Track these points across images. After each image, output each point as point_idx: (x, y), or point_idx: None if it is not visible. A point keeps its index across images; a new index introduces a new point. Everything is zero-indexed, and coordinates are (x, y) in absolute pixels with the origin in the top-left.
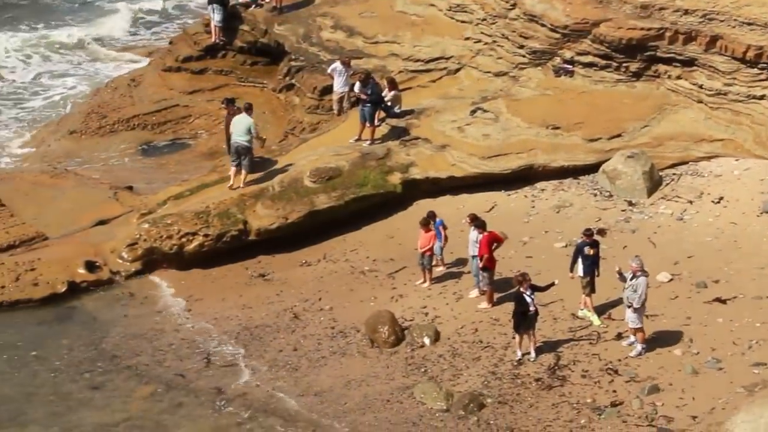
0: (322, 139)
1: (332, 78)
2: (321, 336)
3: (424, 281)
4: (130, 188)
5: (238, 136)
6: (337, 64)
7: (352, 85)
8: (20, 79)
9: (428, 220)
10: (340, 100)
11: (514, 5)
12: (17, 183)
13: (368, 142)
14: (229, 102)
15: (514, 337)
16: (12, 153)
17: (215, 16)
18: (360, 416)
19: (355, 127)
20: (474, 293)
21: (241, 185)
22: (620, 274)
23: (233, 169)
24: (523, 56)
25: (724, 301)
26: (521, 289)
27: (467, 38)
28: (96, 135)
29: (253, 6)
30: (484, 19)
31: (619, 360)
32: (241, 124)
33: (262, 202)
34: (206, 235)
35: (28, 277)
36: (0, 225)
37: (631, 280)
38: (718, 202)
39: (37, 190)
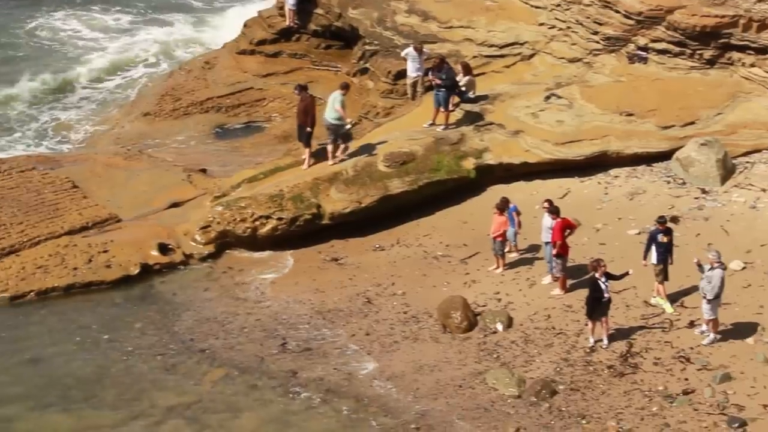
0: (396, 123)
1: (407, 62)
2: (393, 321)
3: (497, 267)
4: (204, 171)
5: (326, 114)
6: (410, 49)
7: (427, 69)
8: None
9: (504, 204)
10: (414, 85)
11: None
12: (91, 165)
13: (442, 127)
14: (302, 89)
15: (586, 324)
16: (85, 133)
17: (289, 0)
18: (432, 401)
19: (429, 111)
20: (547, 279)
21: (339, 157)
22: (699, 265)
23: (330, 147)
24: (597, 42)
25: None
26: (596, 276)
27: (541, 24)
28: (170, 117)
29: None
30: (559, 5)
31: (691, 348)
32: (329, 101)
33: (336, 186)
34: (280, 219)
35: (101, 259)
36: (73, 206)
37: (708, 271)
38: None
39: (111, 172)
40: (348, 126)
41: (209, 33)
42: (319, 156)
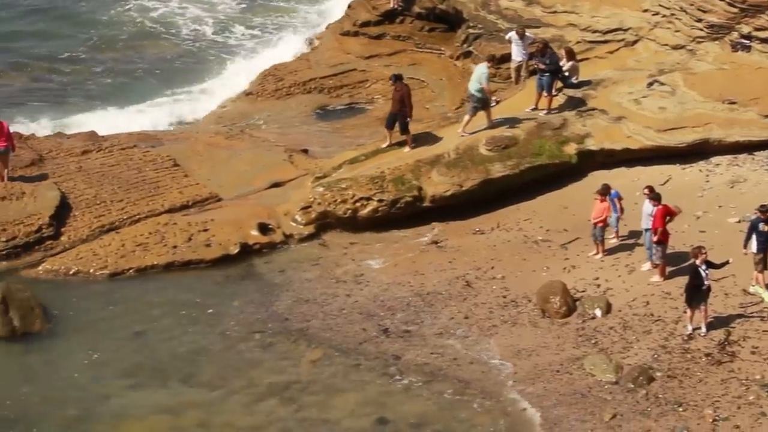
0: (498, 107)
1: (511, 46)
2: (492, 305)
3: (597, 253)
4: (305, 151)
5: (470, 85)
6: (513, 33)
7: (530, 54)
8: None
9: (606, 190)
10: (518, 69)
11: None
12: (192, 143)
13: (545, 112)
14: (397, 78)
15: (685, 311)
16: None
17: None
18: (529, 386)
19: (532, 96)
20: (646, 266)
21: (466, 134)
22: None
23: (466, 117)
24: (701, 30)
25: None
26: (697, 263)
27: (645, 10)
28: (272, 97)
29: None
30: None
31: None
32: (475, 73)
33: (438, 169)
34: (380, 201)
35: (201, 238)
36: (174, 185)
37: None
38: None
39: (212, 151)
40: (493, 103)
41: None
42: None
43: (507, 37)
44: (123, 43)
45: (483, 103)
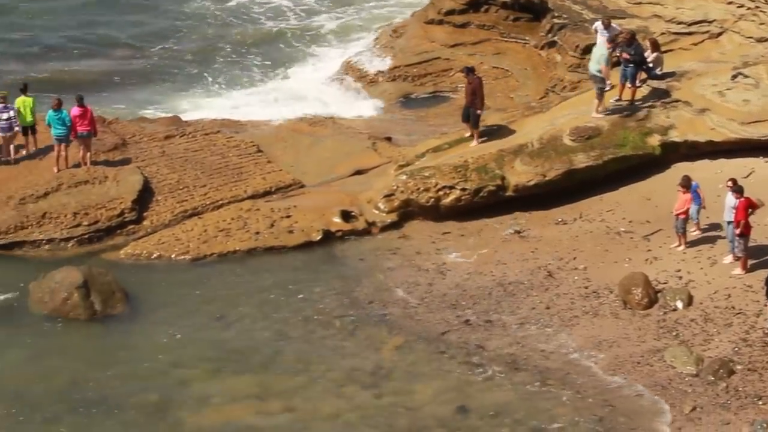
0: (582, 97)
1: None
2: (574, 295)
3: (679, 245)
4: (389, 139)
5: (590, 65)
6: (598, 24)
7: (615, 45)
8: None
9: (687, 182)
10: None
11: None
12: (276, 130)
13: (629, 103)
14: (469, 71)
15: (766, 305)
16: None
17: None
18: (609, 377)
19: (616, 86)
20: (728, 259)
21: (599, 115)
22: None
23: (596, 100)
24: None
25: None
26: None
27: (730, 2)
28: (358, 84)
29: None
30: None
31: None
32: (594, 53)
33: (521, 159)
34: (463, 189)
35: (284, 224)
36: (257, 171)
37: None
38: None
39: (295, 138)
40: (606, 87)
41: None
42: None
43: (593, 27)
44: (207, 31)
45: (601, 83)
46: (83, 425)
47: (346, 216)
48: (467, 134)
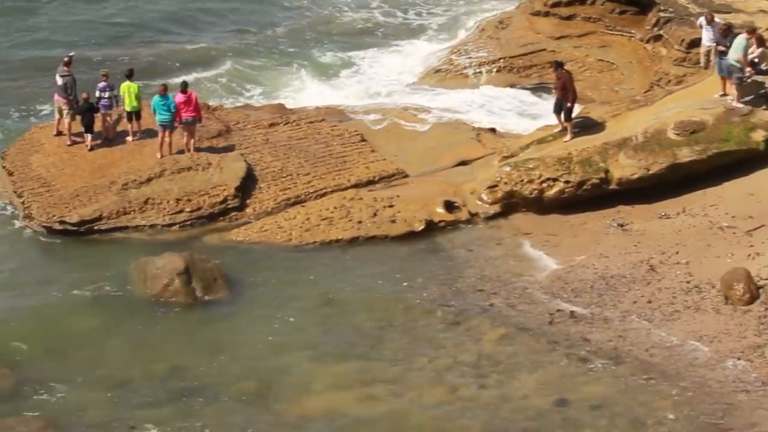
0: (687, 91)
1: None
2: (676, 290)
3: None
4: (493, 130)
5: (730, 54)
6: (702, 19)
7: (720, 39)
8: None
9: None
10: (708, 54)
11: None
12: (380, 119)
13: (733, 98)
14: (558, 66)
15: None
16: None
17: None
18: (709, 371)
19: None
20: None
21: (735, 105)
22: None
23: (734, 90)
24: None
25: None
26: None
27: None
28: (460, 75)
29: None
30: None
31: None
32: (734, 43)
33: (625, 152)
34: (567, 182)
35: (386, 214)
36: (361, 160)
37: None
38: None
39: (400, 127)
40: (746, 76)
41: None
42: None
43: (698, 22)
44: (308, 19)
45: (740, 73)
46: (182, 412)
47: (450, 206)
48: (559, 128)
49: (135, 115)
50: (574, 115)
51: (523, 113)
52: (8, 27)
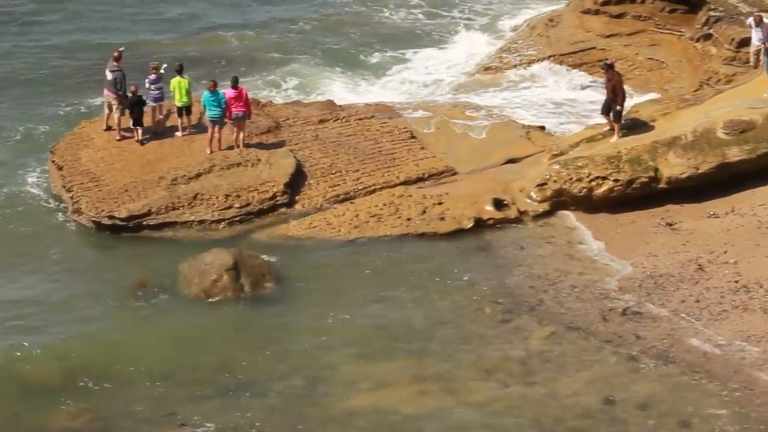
0: (737, 91)
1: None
2: (724, 289)
3: None
4: (543, 128)
5: None
6: (750, 20)
7: None
8: None
9: None
10: (757, 53)
11: None
12: (430, 116)
13: None
14: (609, 67)
15: None
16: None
17: None
18: (756, 371)
19: None
20: None
21: None
22: None
23: None
24: None
25: None
26: None
27: None
28: (510, 72)
29: None
30: None
31: None
32: None
33: (674, 151)
34: (616, 180)
35: (435, 211)
36: (410, 157)
37: None
38: None
39: (450, 124)
40: None
41: None
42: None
43: (747, 22)
44: (352, 17)
45: None
46: (229, 407)
47: (499, 204)
48: (607, 128)
49: (185, 110)
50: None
51: (572, 111)
52: (60, 20)
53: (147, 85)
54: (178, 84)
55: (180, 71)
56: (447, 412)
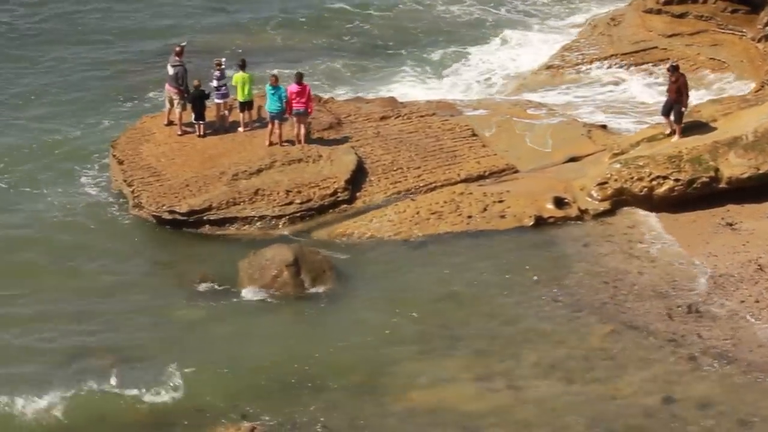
0: None
1: None
2: None
3: None
4: (604, 127)
5: None
6: None
7: None
8: None
9: None
10: None
11: None
12: (491, 114)
13: None
14: (674, 69)
15: None
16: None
17: None
18: None
19: None
20: None
21: None
22: None
23: None
24: None
25: None
26: None
27: None
28: (573, 71)
29: None
30: None
31: None
32: None
33: (735, 151)
34: (677, 180)
35: (496, 209)
36: (471, 154)
37: None
38: None
39: (510, 122)
40: None
41: None
42: None
43: None
44: (408, 14)
45: None
46: (288, 402)
47: (559, 203)
48: (668, 130)
49: (247, 105)
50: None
51: (634, 110)
52: (121, 14)
53: (213, 83)
54: (240, 79)
55: (242, 66)
56: (506, 410)
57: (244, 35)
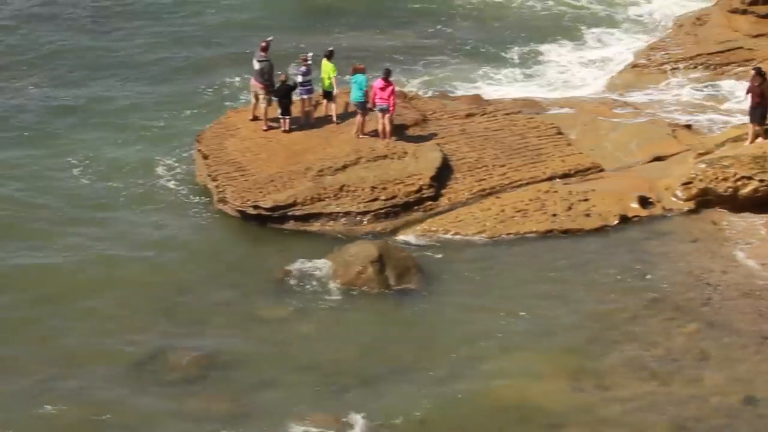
0: None
1: None
2: None
3: None
4: (689, 126)
5: None
6: None
7: None
8: None
9: None
10: None
11: None
12: (576, 112)
13: None
14: (759, 71)
15: None
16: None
17: None
18: None
19: None
20: None
21: None
22: None
23: None
24: None
25: None
26: None
27: None
28: (657, 71)
29: None
30: None
31: None
32: None
33: None
34: (762, 181)
35: (581, 208)
36: (556, 153)
37: None
38: None
39: (596, 121)
40: None
41: None
42: None
43: None
44: (485, 12)
45: None
46: (371, 397)
47: (644, 202)
48: (751, 138)
49: (327, 95)
50: None
51: (718, 110)
52: (209, 10)
53: (299, 79)
54: (324, 68)
55: (329, 56)
56: (589, 408)
57: (327, 34)
